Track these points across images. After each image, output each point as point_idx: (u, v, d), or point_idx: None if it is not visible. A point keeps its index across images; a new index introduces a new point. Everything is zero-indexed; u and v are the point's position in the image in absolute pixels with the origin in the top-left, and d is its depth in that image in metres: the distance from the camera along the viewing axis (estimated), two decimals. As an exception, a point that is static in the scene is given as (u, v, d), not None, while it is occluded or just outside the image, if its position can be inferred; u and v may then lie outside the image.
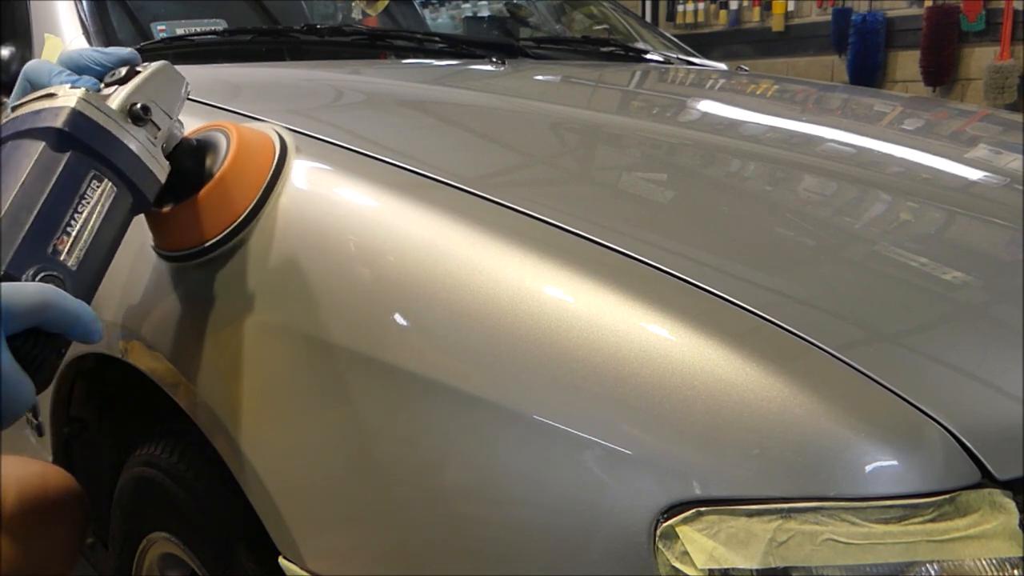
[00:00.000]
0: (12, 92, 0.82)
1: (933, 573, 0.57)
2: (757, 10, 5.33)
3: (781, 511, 0.58)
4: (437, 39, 1.72)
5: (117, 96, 0.79)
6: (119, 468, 1.14)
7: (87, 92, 0.76)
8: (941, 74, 4.46)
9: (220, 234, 0.86)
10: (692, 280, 0.69)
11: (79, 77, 0.80)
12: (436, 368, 0.71)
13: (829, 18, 4.92)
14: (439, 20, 2.18)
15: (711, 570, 0.58)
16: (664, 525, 0.59)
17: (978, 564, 0.57)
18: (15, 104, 0.79)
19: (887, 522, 0.57)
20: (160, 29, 1.50)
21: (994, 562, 0.57)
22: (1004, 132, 1.39)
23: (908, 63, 4.63)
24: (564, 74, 1.66)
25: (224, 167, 0.86)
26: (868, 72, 4.70)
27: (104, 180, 0.76)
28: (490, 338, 0.69)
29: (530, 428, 0.66)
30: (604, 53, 1.88)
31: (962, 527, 0.57)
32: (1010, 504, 0.58)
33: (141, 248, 0.94)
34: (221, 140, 0.88)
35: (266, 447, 0.83)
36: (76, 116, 0.75)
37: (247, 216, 0.86)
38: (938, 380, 0.64)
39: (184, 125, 0.88)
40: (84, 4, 1.40)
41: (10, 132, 0.75)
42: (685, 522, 0.59)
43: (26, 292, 0.65)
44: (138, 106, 0.78)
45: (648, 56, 1.91)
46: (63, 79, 0.79)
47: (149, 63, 0.83)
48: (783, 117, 1.44)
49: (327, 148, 0.94)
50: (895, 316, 0.71)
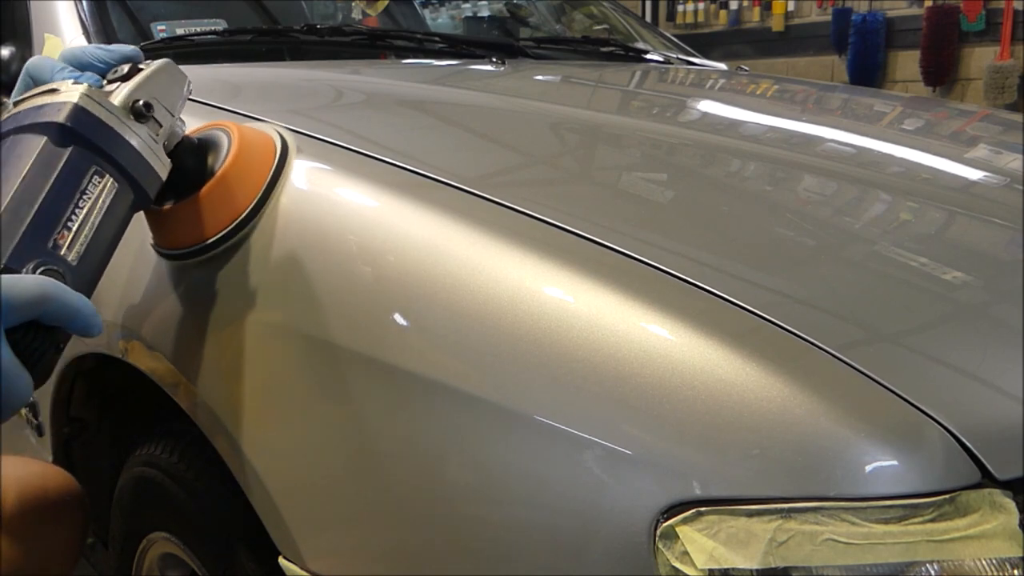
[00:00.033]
0: (13, 90, 0.82)
1: (933, 573, 0.57)
2: (757, 10, 5.33)
3: (781, 511, 0.58)
4: (437, 39, 1.72)
5: (120, 92, 0.78)
6: (119, 468, 1.14)
7: (89, 88, 0.76)
8: (941, 74, 4.46)
9: (221, 232, 0.86)
10: (692, 280, 0.69)
11: (81, 73, 0.80)
12: (436, 368, 0.71)
13: (829, 18, 4.92)
14: (439, 20, 2.18)
15: (711, 570, 0.58)
16: (664, 525, 0.59)
17: (978, 564, 0.57)
18: (17, 99, 0.78)
19: (887, 522, 0.57)
20: (160, 29, 1.50)
21: (994, 562, 0.57)
22: (1004, 132, 1.39)
23: (908, 63, 4.63)
24: (564, 74, 1.66)
25: (226, 165, 0.85)
26: (868, 72, 4.70)
27: (105, 176, 0.76)
28: (490, 338, 0.69)
29: (530, 428, 0.66)
30: (604, 53, 1.88)
31: (962, 527, 0.57)
32: (1010, 504, 0.58)
33: (141, 248, 0.94)
34: (222, 139, 0.88)
35: (266, 447, 0.83)
36: (78, 111, 0.74)
37: (248, 214, 0.86)
38: (938, 380, 0.64)
39: (186, 124, 0.88)
40: (84, 4, 1.40)
41: (12, 127, 0.75)
42: (685, 522, 0.59)
43: (25, 284, 0.65)
44: (140, 103, 0.78)
45: (648, 56, 1.91)
46: (65, 75, 0.79)
47: (152, 61, 0.83)
48: (783, 117, 1.44)
49: (327, 148, 0.94)
50: (895, 316, 0.71)
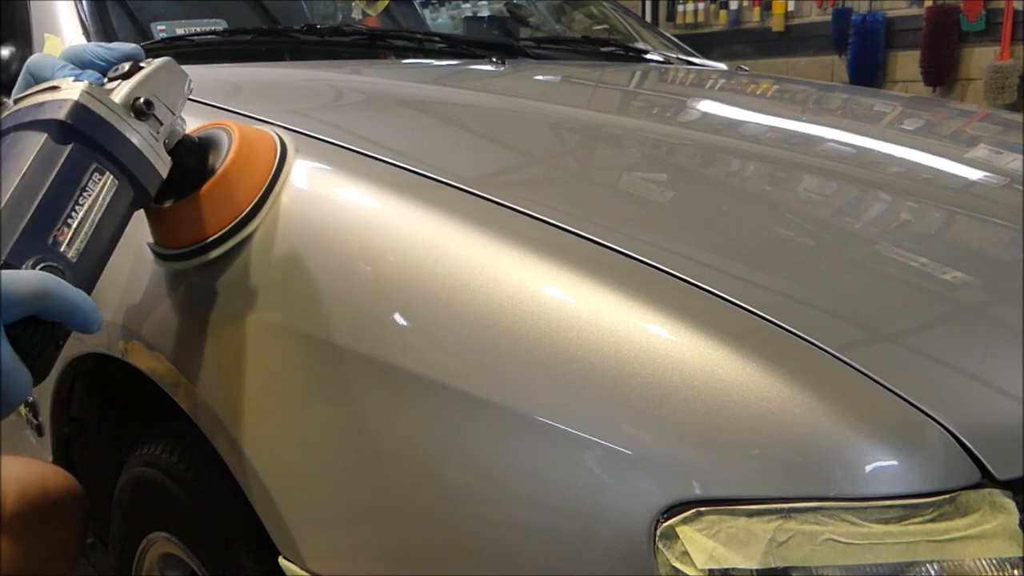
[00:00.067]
0: (13, 89, 0.82)
1: (933, 573, 0.57)
2: (757, 10, 5.33)
3: (781, 511, 0.58)
4: (437, 39, 1.72)
5: (120, 90, 0.78)
6: (119, 468, 1.14)
7: (90, 85, 0.76)
8: (941, 74, 4.46)
9: (222, 230, 0.86)
10: (692, 280, 0.69)
11: (82, 71, 0.80)
12: (436, 368, 0.71)
13: (829, 18, 4.92)
14: (439, 20, 2.18)
15: (711, 570, 0.58)
16: (664, 525, 0.59)
17: (978, 564, 0.57)
18: (18, 97, 0.78)
19: (887, 522, 0.57)
20: (160, 29, 1.50)
21: (994, 562, 0.57)
22: (1004, 132, 1.39)
23: (908, 63, 4.63)
24: (564, 74, 1.66)
25: (227, 164, 0.85)
26: (868, 72, 4.70)
27: (106, 173, 0.75)
28: (490, 338, 0.69)
29: (530, 428, 0.66)
30: (604, 53, 1.88)
31: (962, 527, 0.57)
32: (1010, 504, 0.58)
33: (141, 248, 0.94)
34: (223, 137, 0.88)
35: (266, 447, 0.83)
36: (79, 108, 0.74)
37: (249, 212, 0.86)
38: (938, 380, 0.64)
39: (186, 123, 0.88)
40: (84, 4, 1.40)
41: (12, 124, 0.75)
42: (685, 522, 0.59)
43: (25, 279, 0.65)
44: (141, 100, 0.78)
45: (648, 56, 1.91)
46: (66, 73, 0.79)
47: (153, 59, 0.83)
48: (783, 117, 1.44)
49: (327, 148, 0.94)
50: (895, 316, 0.71)
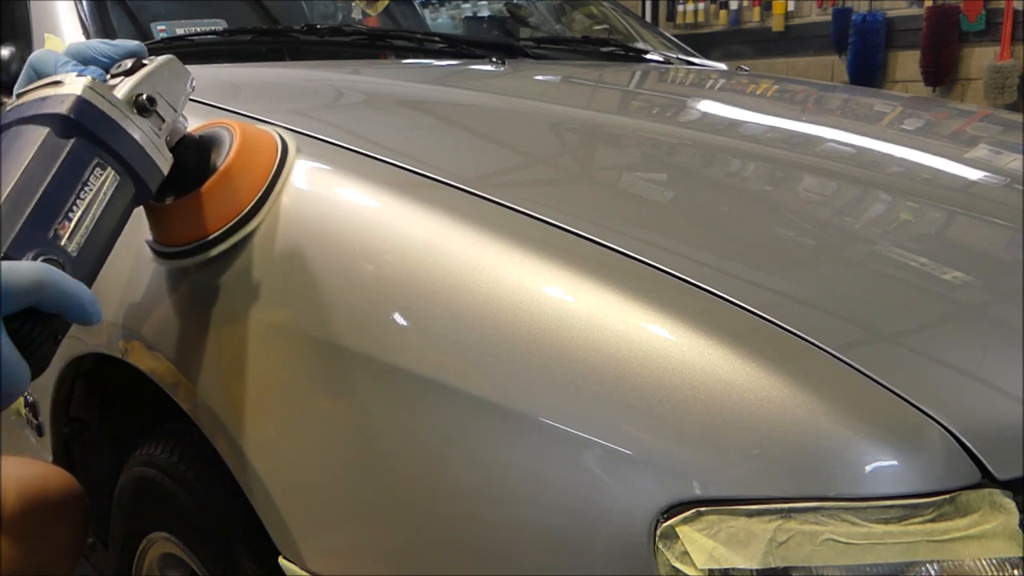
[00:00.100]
0: (14, 87, 0.82)
1: (933, 573, 0.57)
2: (757, 10, 5.33)
3: (781, 511, 0.58)
4: (437, 39, 1.72)
5: (123, 86, 0.78)
6: (119, 468, 1.14)
7: (93, 80, 0.76)
8: (941, 74, 4.46)
9: (223, 228, 0.86)
10: (692, 280, 0.69)
11: (85, 67, 0.80)
12: (436, 368, 0.71)
13: (829, 18, 4.92)
14: (439, 20, 2.18)
15: (711, 570, 0.58)
16: (664, 525, 0.59)
17: (978, 564, 0.57)
18: (20, 91, 0.78)
19: (887, 522, 0.57)
20: (160, 29, 1.50)
21: (994, 562, 0.57)
22: (1004, 132, 1.39)
23: (908, 63, 4.63)
24: (564, 74, 1.66)
25: (228, 162, 0.86)
26: (868, 72, 4.70)
27: (107, 168, 0.75)
28: (490, 338, 0.69)
29: (530, 428, 0.66)
30: (604, 53, 1.88)
31: (962, 527, 0.57)
32: (1010, 504, 0.58)
33: (141, 248, 0.94)
34: (224, 136, 0.88)
35: (266, 447, 0.83)
36: (81, 103, 0.74)
37: (249, 211, 0.86)
38: (938, 380, 0.64)
39: (188, 121, 0.88)
40: (84, 4, 1.40)
41: (14, 118, 0.75)
42: (685, 522, 0.59)
43: (23, 270, 0.64)
44: (143, 97, 0.78)
45: (648, 56, 1.91)
46: (69, 69, 0.79)
47: (155, 57, 0.83)
48: (783, 117, 1.44)
49: (328, 148, 0.94)
50: (895, 316, 0.71)
